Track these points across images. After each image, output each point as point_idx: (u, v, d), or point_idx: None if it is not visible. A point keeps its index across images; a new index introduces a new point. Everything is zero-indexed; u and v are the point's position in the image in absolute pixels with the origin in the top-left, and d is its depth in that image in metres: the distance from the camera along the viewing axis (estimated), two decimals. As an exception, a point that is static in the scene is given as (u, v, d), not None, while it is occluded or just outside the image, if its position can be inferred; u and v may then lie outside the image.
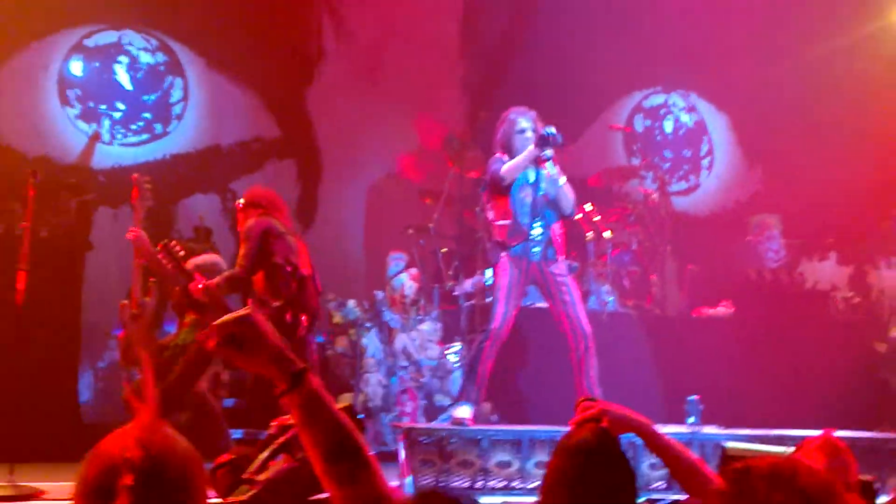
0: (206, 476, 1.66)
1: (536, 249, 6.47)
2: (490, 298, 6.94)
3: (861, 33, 11.07)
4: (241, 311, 1.79)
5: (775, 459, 1.55)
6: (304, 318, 6.24)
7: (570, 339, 6.40)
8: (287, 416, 3.41)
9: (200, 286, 6.14)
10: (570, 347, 6.40)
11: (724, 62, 11.12)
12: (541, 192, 6.48)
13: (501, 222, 6.58)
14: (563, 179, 6.48)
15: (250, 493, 2.69)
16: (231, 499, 2.66)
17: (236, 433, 7.14)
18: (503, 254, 6.53)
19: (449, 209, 9.24)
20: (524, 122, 6.56)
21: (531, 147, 6.38)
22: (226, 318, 1.77)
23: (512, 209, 6.49)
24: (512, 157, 6.48)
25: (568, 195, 6.55)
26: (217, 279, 6.21)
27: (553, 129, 6.29)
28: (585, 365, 6.34)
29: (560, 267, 6.58)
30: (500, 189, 6.53)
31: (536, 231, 6.46)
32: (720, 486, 1.55)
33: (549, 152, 6.39)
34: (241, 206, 6.67)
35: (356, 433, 1.84)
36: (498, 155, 6.60)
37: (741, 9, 10.56)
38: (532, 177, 6.47)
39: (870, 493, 3.23)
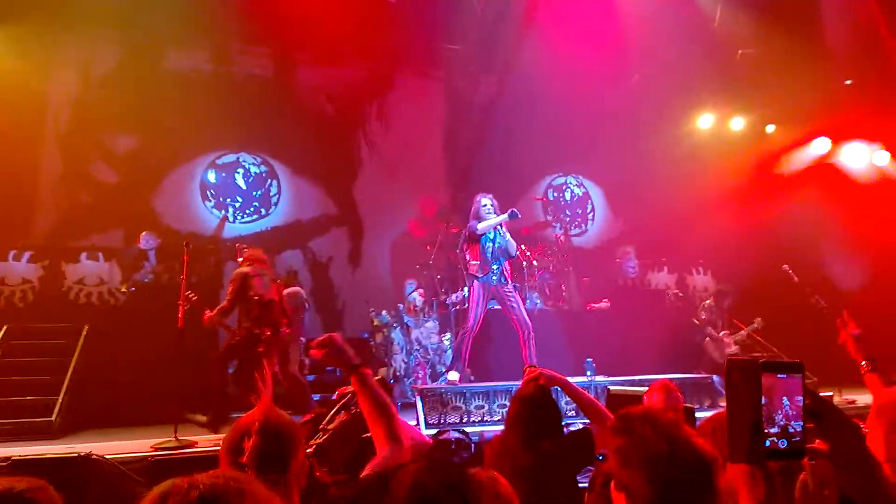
0: (303, 436, 1.72)
1: (494, 278, 6.48)
2: (467, 306, 6.85)
3: (676, 133, 11.14)
4: (327, 338, 2.00)
5: (645, 407, 1.57)
6: (267, 330, 5.92)
7: (518, 328, 6.38)
8: (346, 386, 3.39)
9: (206, 317, 5.97)
10: (517, 333, 6.37)
11: (597, 154, 11.06)
12: (497, 245, 6.51)
13: (474, 262, 6.54)
14: (507, 235, 6.53)
15: (324, 438, 2.68)
16: (312, 442, 2.64)
17: (315, 397, 7.06)
18: (475, 280, 6.52)
19: (441, 252, 8.97)
20: (485, 200, 6.57)
21: (504, 216, 6.36)
22: (319, 340, 1.99)
23: (481, 254, 6.49)
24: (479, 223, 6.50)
25: (512, 244, 6.57)
26: (213, 312, 5.97)
27: (517, 212, 6.33)
28: (528, 344, 6.30)
29: (509, 287, 6.59)
30: (475, 239, 6.54)
31: (495, 268, 6.47)
32: (612, 422, 1.55)
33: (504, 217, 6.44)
34: (239, 261, 6.48)
35: (386, 397, 1.99)
36: (472, 222, 6.60)
37: (606, 119, 10.42)
38: (492, 235, 6.51)
39: (691, 416, 3.23)
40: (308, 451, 2.51)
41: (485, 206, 6.53)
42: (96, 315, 7.66)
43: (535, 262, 8.62)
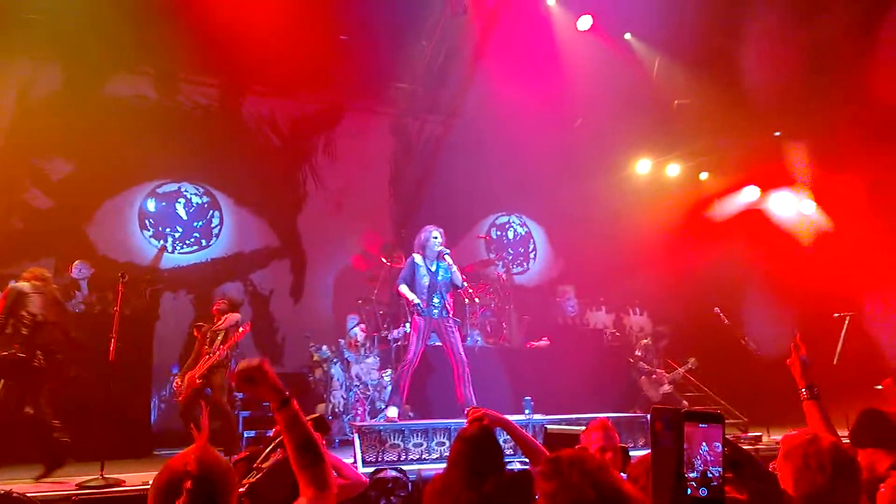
0: (236, 479, 1.61)
1: (435, 311, 6.37)
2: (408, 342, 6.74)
3: (616, 176, 11.39)
4: (256, 361, 1.82)
5: (574, 451, 1.59)
6: (39, 352, 5.35)
7: (453, 363, 6.24)
8: None
9: None
10: (453, 369, 6.23)
11: (540, 195, 11.14)
12: (439, 278, 6.40)
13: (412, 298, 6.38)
14: (454, 267, 6.40)
15: (258, 477, 2.62)
16: (245, 481, 2.57)
17: (249, 433, 6.81)
18: (415, 314, 6.38)
19: (384, 287, 8.84)
20: (436, 233, 6.48)
21: (416, 303, 6.26)
22: (244, 364, 1.81)
23: (417, 288, 6.35)
24: (425, 254, 6.41)
25: (458, 275, 6.40)
26: None
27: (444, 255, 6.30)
28: (464, 380, 6.14)
29: (450, 321, 6.42)
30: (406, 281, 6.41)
31: (436, 301, 6.37)
32: (541, 467, 1.53)
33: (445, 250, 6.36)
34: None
35: (316, 438, 1.84)
36: (411, 258, 6.45)
37: (550, 161, 10.55)
38: (434, 267, 6.41)
39: (626, 455, 3.25)
40: (241, 490, 2.44)
41: (435, 238, 6.43)
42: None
43: (476, 300, 8.48)
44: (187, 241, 9.72)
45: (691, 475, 1.47)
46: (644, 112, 10.08)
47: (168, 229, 9.66)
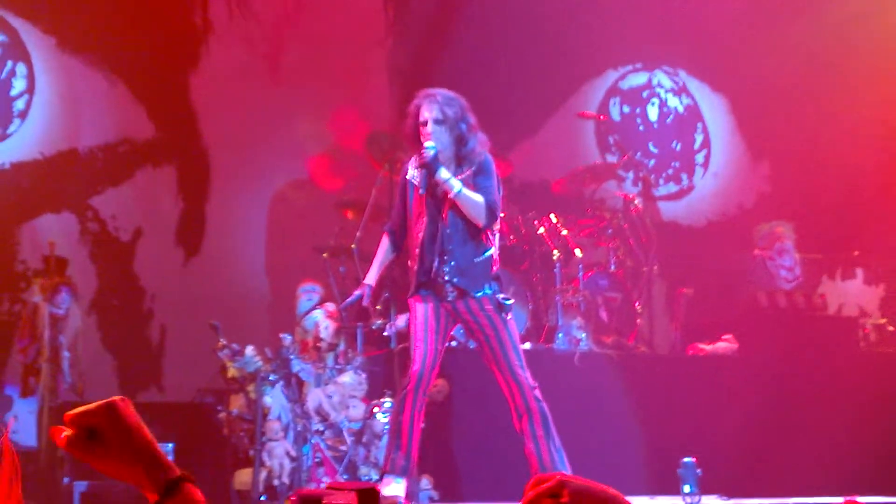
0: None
1: (448, 285, 4.66)
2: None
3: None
4: (106, 400, 1.26)
5: None
6: None
7: (505, 394, 4.57)
8: None
9: None
10: (507, 402, 4.54)
11: (718, 29, 8.21)
12: (436, 215, 4.64)
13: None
14: (460, 189, 4.53)
15: None
16: None
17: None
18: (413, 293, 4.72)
19: (376, 224, 6.46)
20: (428, 107, 4.66)
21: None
22: (84, 408, 1.23)
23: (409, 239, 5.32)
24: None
25: (476, 204, 4.56)
26: None
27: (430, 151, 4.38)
28: (529, 423, 4.49)
29: (485, 302, 4.76)
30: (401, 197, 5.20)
31: (440, 266, 4.75)
32: None
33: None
34: None
35: None
36: (407, 166, 5.08)
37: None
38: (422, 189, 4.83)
39: None
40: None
41: (428, 114, 4.51)
42: None
43: (577, 253, 6.60)
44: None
45: None
46: None
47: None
